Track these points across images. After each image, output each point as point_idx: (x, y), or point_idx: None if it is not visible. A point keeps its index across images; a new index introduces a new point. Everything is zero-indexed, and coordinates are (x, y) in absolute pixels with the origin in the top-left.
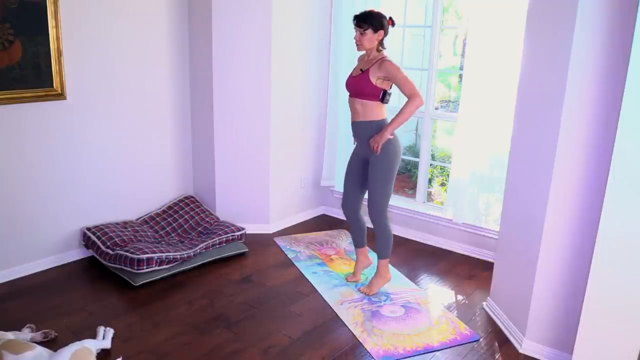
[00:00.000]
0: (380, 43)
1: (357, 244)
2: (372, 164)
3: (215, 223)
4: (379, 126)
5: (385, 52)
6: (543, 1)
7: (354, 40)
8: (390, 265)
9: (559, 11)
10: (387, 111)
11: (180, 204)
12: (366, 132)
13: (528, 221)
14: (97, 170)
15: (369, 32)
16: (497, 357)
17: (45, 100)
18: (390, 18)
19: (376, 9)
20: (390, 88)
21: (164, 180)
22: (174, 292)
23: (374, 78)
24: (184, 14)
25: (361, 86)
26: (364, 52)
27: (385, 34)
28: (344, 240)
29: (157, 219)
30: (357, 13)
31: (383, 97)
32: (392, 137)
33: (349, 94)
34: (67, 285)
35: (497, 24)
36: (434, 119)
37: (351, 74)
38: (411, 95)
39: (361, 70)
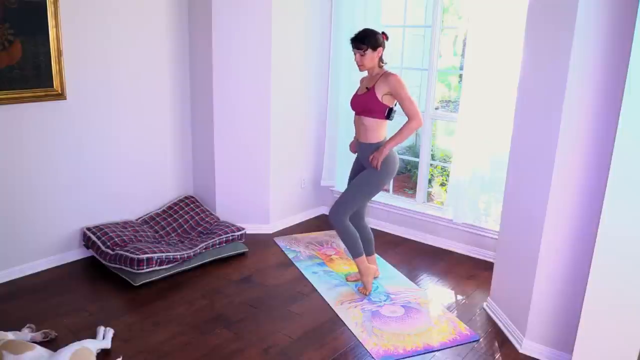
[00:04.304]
0: (380, 59)
1: (366, 253)
2: (363, 174)
3: (215, 223)
4: (379, 147)
5: (387, 67)
6: (543, 1)
7: (355, 63)
8: (390, 265)
9: (559, 11)
10: (388, 130)
11: (180, 204)
12: (367, 153)
13: (528, 221)
14: (97, 170)
15: (369, 52)
16: (497, 357)
17: (45, 100)
18: (384, 33)
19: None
20: (395, 105)
21: (164, 180)
22: (174, 292)
23: (380, 94)
24: (184, 14)
25: (368, 104)
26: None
27: (383, 48)
28: None
29: (157, 219)
30: (353, 35)
31: (389, 114)
32: (388, 157)
33: (354, 112)
34: (67, 285)
35: (497, 24)
36: (434, 119)
37: (356, 93)
38: (412, 115)
39: (367, 88)
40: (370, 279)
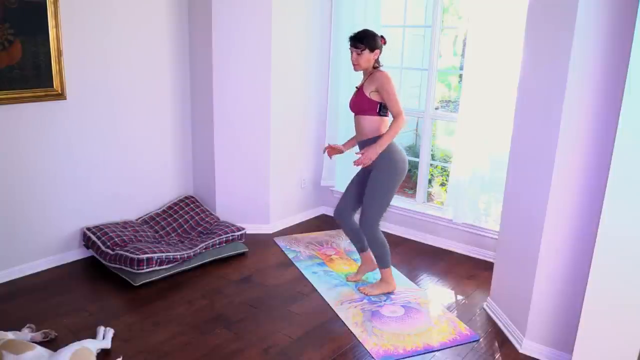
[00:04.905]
0: (377, 61)
1: (359, 250)
2: (372, 177)
3: (215, 223)
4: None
5: (382, 69)
6: (543, 1)
7: (351, 61)
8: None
9: (559, 11)
10: (388, 126)
11: (180, 204)
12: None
13: (528, 221)
14: (97, 171)
15: (366, 52)
16: (497, 357)
17: (45, 100)
18: (382, 37)
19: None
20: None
21: (164, 180)
22: (174, 292)
23: (368, 91)
24: (184, 14)
25: (359, 103)
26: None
27: (380, 52)
28: (344, 240)
29: (157, 219)
30: (352, 34)
31: (380, 110)
32: (391, 152)
33: (354, 114)
34: (67, 285)
35: (497, 24)
36: (434, 119)
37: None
38: (396, 114)
39: (357, 88)
40: (385, 289)
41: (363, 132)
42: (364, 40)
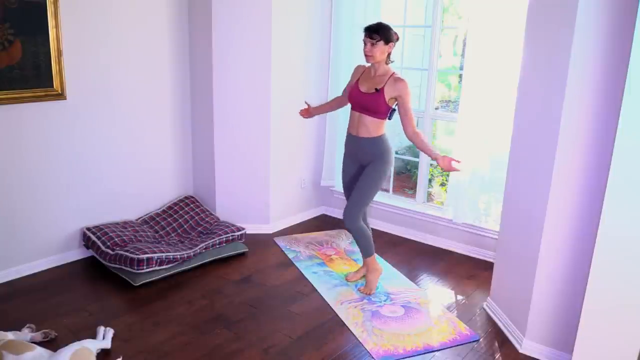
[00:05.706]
0: (388, 56)
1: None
2: (368, 172)
3: (215, 223)
4: (381, 141)
5: (392, 67)
6: (543, 1)
7: (364, 52)
8: (390, 265)
9: (559, 11)
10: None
11: (180, 204)
12: (370, 147)
13: (528, 221)
14: (97, 170)
15: (381, 43)
16: (497, 357)
17: (45, 100)
18: (396, 33)
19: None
20: (395, 105)
21: (164, 180)
22: (174, 292)
23: (388, 97)
24: (184, 14)
25: (375, 105)
26: (367, 64)
27: (394, 46)
28: (344, 240)
29: (157, 219)
30: (368, 25)
31: (390, 115)
32: (387, 150)
33: (352, 106)
34: (67, 285)
35: (497, 24)
36: (434, 119)
37: (357, 86)
38: (413, 132)
39: (376, 89)
40: (376, 276)
41: (366, 130)
42: (380, 31)
